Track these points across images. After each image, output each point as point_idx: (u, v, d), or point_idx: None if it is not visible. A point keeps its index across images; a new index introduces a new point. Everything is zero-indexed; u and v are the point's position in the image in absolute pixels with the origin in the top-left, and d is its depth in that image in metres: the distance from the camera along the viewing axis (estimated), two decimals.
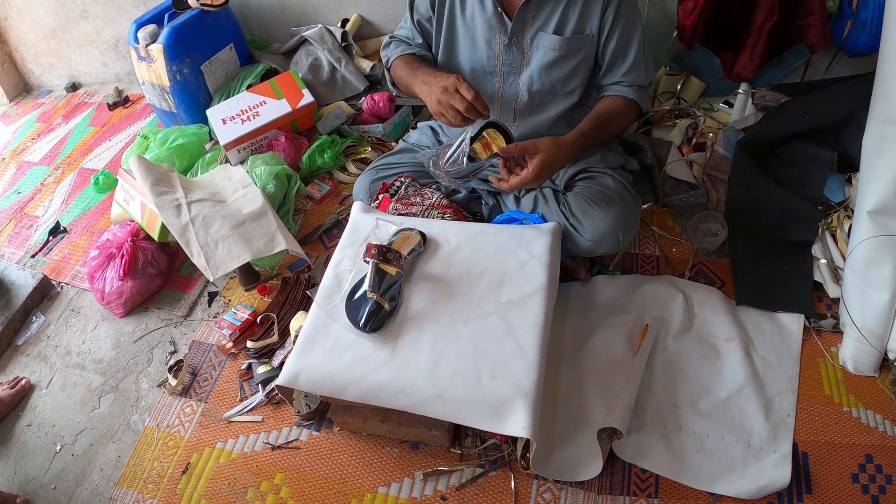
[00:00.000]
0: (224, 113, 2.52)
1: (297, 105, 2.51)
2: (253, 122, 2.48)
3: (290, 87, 2.57)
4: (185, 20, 2.60)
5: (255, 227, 2.01)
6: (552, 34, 1.66)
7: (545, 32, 1.66)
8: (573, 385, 1.63)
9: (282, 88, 2.56)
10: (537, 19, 1.66)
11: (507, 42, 1.69)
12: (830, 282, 1.77)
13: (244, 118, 2.49)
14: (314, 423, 1.70)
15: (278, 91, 2.56)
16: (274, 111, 2.51)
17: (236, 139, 2.44)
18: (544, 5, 1.64)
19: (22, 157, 3.12)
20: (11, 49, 3.62)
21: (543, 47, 1.68)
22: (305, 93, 2.54)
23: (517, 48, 1.70)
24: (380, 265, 1.58)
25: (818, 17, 2.02)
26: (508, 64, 1.73)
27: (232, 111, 2.52)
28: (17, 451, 1.85)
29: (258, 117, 2.49)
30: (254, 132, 2.46)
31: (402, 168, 1.94)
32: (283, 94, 2.54)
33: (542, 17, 1.65)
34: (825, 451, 1.50)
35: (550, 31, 1.66)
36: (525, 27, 1.67)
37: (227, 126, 2.48)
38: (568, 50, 1.67)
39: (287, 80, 2.59)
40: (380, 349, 1.50)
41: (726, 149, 2.10)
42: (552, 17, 1.64)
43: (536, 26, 1.66)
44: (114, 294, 2.09)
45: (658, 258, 1.97)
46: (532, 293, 1.55)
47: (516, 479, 1.52)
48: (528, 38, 1.68)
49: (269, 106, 2.53)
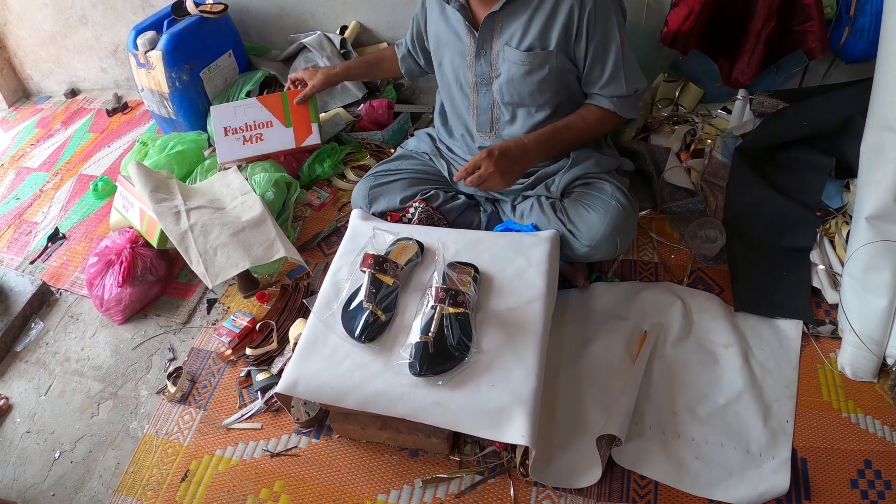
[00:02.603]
0: (228, 119, 2.37)
1: (301, 143, 2.36)
2: (254, 146, 2.37)
3: (302, 116, 2.36)
4: (185, 27, 2.60)
5: (254, 235, 2.02)
6: (515, 48, 1.67)
7: (510, 46, 1.67)
8: (572, 392, 1.64)
9: (293, 113, 2.36)
10: (503, 33, 1.67)
11: (475, 53, 1.72)
12: (829, 288, 1.77)
13: (247, 137, 2.37)
14: (313, 431, 1.70)
15: (288, 115, 2.36)
16: (277, 141, 2.36)
17: (235, 160, 2.38)
18: (509, 20, 1.65)
19: (21, 162, 3.12)
20: (10, 54, 3.62)
21: (509, 60, 1.69)
22: (314, 129, 2.36)
23: (485, 60, 1.72)
24: (376, 275, 1.59)
25: (816, 24, 2.02)
26: (479, 75, 1.76)
27: (237, 121, 2.37)
28: (16, 458, 1.85)
29: (260, 142, 2.37)
30: (252, 158, 2.39)
31: (402, 175, 1.95)
32: (292, 121, 2.36)
33: (508, 31, 1.66)
34: (824, 456, 1.50)
35: (514, 45, 1.67)
36: (492, 40, 1.69)
37: (228, 140, 2.37)
38: (532, 65, 1.68)
39: (301, 107, 2.35)
40: (378, 357, 1.50)
41: (724, 155, 2.11)
42: (516, 32, 1.65)
43: (503, 40, 1.68)
44: (113, 301, 2.09)
45: (656, 265, 1.97)
46: (530, 300, 1.55)
47: (515, 486, 1.52)
48: (496, 51, 1.70)
49: (275, 132, 2.36)
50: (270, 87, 2.82)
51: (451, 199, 1.92)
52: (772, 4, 2.03)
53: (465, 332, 1.47)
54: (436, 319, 1.48)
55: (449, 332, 1.46)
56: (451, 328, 1.47)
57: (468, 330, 1.48)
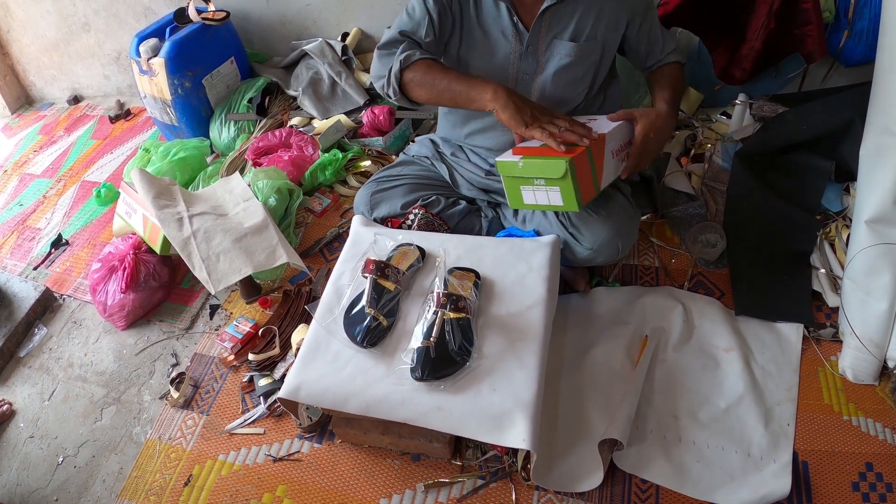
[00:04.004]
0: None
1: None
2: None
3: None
4: (187, 34, 2.62)
5: (256, 241, 2.02)
6: (568, 41, 1.67)
7: (560, 40, 1.67)
8: (573, 396, 1.64)
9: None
10: (553, 27, 1.67)
11: (523, 51, 1.70)
12: (829, 291, 1.78)
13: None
14: (316, 436, 1.71)
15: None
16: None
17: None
18: (560, 14, 1.65)
19: (24, 169, 3.14)
20: (14, 61, 3.64)
21: (559, 54, 1.69)
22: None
23: (532, 56, 1.71)
24: (378, 280, 1.59)
25: (814, 27, 2.03)
26: (523, 71, 1.74)
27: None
28: (20, 463, 1.86)
29: None
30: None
31: (403, 181, 1.94)
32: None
33: (559, 24, 1.66)
34: (825, 459, 1.50)
35: (566, 38, 1.67)
36: (540, 35, 1.68)
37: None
38: (581, 55, 1.69)
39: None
40: (380, 362, 1.50)
41: (725, 160, 2.11)
42: (568, 25, 1.66)
43: (552, 34, 1.67)
44: (116, 307, 2.10)
45: (657, 269, 1.97)
46: (531, 305, 1.56)
47: (517, 490, 1.52)
48: (544, 45, 1.69)
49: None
50: (272, 94, 2.84)
51: (452, 205, 1.91)
52: (771, 7, 2.03)
53: (467, 337, 1.48)
54: (437, 324, 1.49)
55: (450, 337, 1.47)
56: (452, 333, 1.47)
57: (469, 335, 1.49)
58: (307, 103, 2.74)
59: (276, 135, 2.58)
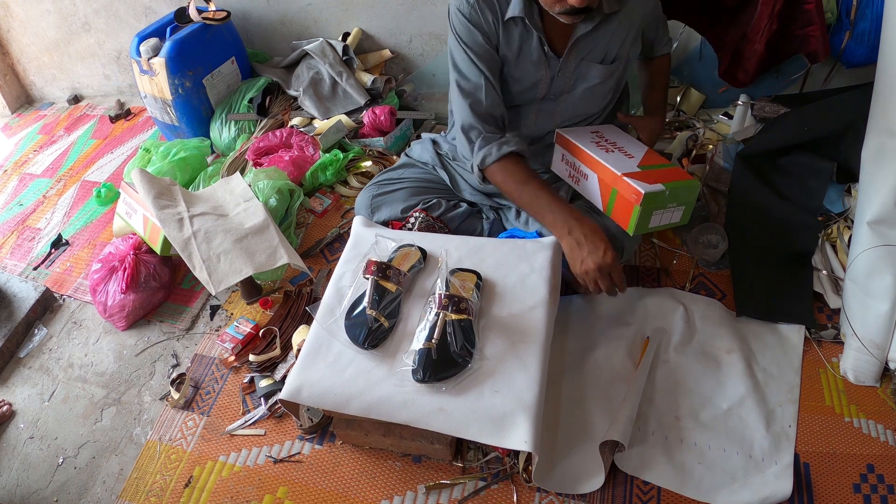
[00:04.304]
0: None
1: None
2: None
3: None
4: (187, 34, 2.62)
5: (257, 241, 2.02)
6: (597, 63, 1.68)
7: (590, 62, 1.68)
8: (575, 398, 1.64)
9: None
10: (583, 51, 1.66)
11: (554, 75, 1.70)
12: (831, 292, 1.78)
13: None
14: (316, 437, 1.70)
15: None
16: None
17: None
18: (592, 39, 1.64)
19: (24, 168, 3.13)
20: (14, 61, 3.63)
21: (588, 76, 1.70)
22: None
23: (561, 79, 1.71)
24: (379, 282, 1.59)
25: (817, 28, 2.03)
26: (552, 93, 1.74)
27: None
28: (20, 464, 1.85)
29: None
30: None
31: (404, 184, 1.94)
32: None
33: (588, 48, 1.66)
34: (827, 461, 1.50)
35: (596, 60, 1.68)
36: (570, 59, 1.67)
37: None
38: (609, 75, 1.71)
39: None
40: (381, 364, 1.50)
41: (726, 160, 2.11)
42: (598, 48, 1.66)
43: (581, 56, 1.67)
44: (116, 307, 2.10)
45: (658, 270, 1.97)
46: (533, 307, 1.56)
47: (518, 492, 1.52)
48: (572, 67, 1.69)
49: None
50: (273, 94, 2.84)
51: (453, 208, 1.91)
52: (773, 8, 2.03)
53: (468, 339, 1.48)
54: (439, 326, 1.48)
55: (452, 338, 1.46)
56: (454, 335, 1.47)
57: (471, 336, 1.48)
58: (308, 103, 2.74)
59: (276, 135, 2.57)
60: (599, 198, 1.69)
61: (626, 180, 1.56)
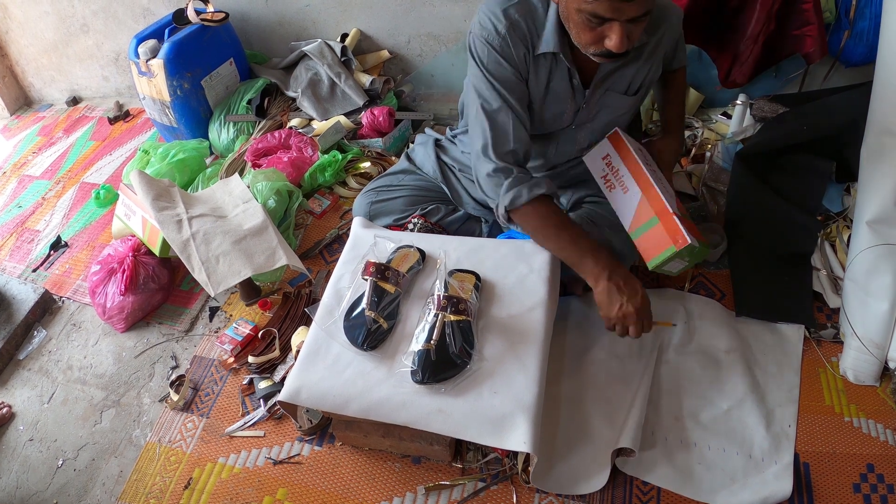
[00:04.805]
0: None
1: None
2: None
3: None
4: (186, 35, 2.62)
5: (255, 243, 2.02)
6: (621, 94, 1.66)
7: (614, 92, 1.65)
8: (574, 399, 1.64)
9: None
10: (608, 82, 1.63)
11: (579, 107, 1.67)
12: (830, 292, 1.77)
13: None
14: (316, 438, 1.70)
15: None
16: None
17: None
18: (618, 71, 1.61)
19: (23, 170, 3.13)
20: (12, 62, 3.63)
21: (612, 106, 1.68)
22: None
23: (586, 109, 1.68)
24: (378, 283, 1.59)
25: (815, 28, 2.03)
26: (577, 122, 1.71)
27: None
28: (19, 466, 1.85)
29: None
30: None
31: (403, 192, 1.92)
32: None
33: (614, 78, 1.63)
34: (826, 461, 1.50)
35: (621, 91, 1.65)
36: (595, 91, 1.64)
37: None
38: (632, 105, 1.70)
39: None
40: (380, 365, 1.50)
41: (725, 160, 2.11)
42: (623, 79, 1.63)
43: (605, 87, 1.64)
44: (115, 309, 2.10)
45: None
46: (532, 307, 1.55)
47: (518, 492, 1.52)
48: (597, 98, 1.66)
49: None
50: (271, 95, 2.83)
51: (452, 212, 1.90)
52: (770, 8, 2.03)
53: (467, 340, 1.47)
54: (438, 327, 1.48)
55: (451, 339, 1.46)
56: (452, 336, 1.47)
57: (470, 337, 1.48)
58: (306, 104, 2.74)
59: (275, 136, 2.57)
60: (631, 216, 1.60)
61: (675, 220, 1.51)
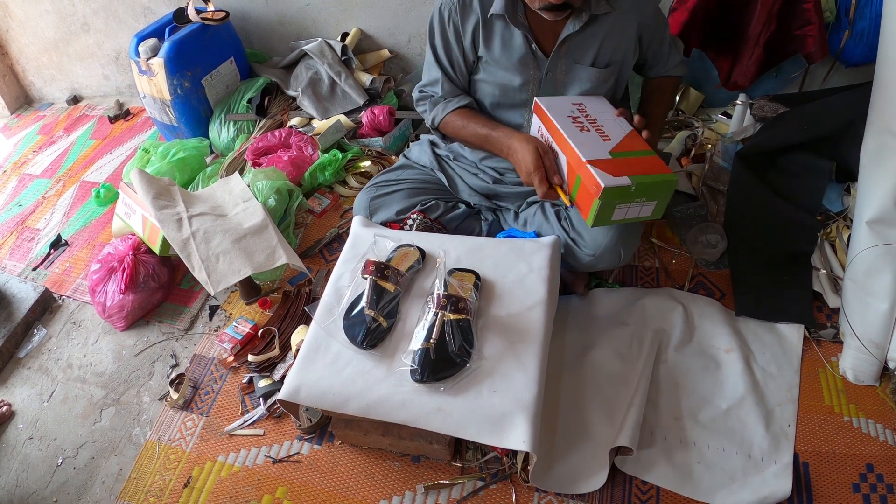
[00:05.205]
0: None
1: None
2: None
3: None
4: (186, 34, 2.62)
5: (255, 241, 2.02)
6: (589, 66, 1.66)
7: (581, 65, 1.66)
8: (573, 398, 1.64)
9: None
10: (573, 52, 1.65)
11: (542, 77, 1.68)
12: (830, 292, 1.77)
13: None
14: (315, 437, 1.70)
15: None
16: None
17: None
18: (581, 40, 1.63)
19: (23, 169, 3.13)
20: (13, 61, 3.63)
21: (579, 79, 1.68)
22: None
23: (551, 81, 1.69)
24: (378, 282, 1.59)
25: (815, 28, 2.03)
26: (542, 93, 1.71)
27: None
28: (19, 464, 1.85)
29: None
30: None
31: (402, 185, 1.93)
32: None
33: (579, 50, 1.64)
34: (826, 461, 1.50)
35: (587, 63, 1.66)
36: (560, 61, 1.66)
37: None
38: (602, 79, 1.68)
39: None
40: (380, 364, 1.50)
41: (725, 160, 2.11)
42: (589, 51, 1.64)
43: (571, 59, 1.65)
44: (115, 307, 2.10)
45: (657, 270, 1.97)
46: (532, 306, 1.55)
47: (517, 491, 1.52)
48: (563, 70, 1.67)
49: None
50: (272, 94, 2.83)
51: (452, 209, 1.91)
52: (772, 9, 2.03)
53: (467, 339, 1.48)
54: (437, 326, 1.48)
55: (450, 338, 1.46)
56: (452, 335, 1.47)
57: (469, 336, 1.48)
58: (307, 103, 2.73)
59: (275, 135, 2.57)
60: (566, 183, 1.57)
61: (589, 168, 1.43)
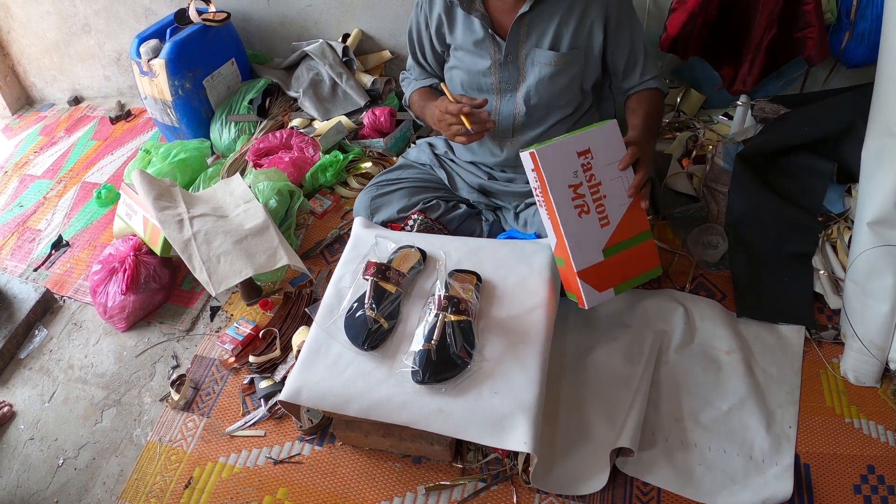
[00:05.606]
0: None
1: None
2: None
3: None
4: (187, 35, 2.62)
5: (256, 242, 2.02)
6: (547, 50, 1.67)
7: (540, 48, 1.67)
8: (574, 399, 1.63)
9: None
10: (531, 35, 1.66)
11: (502, 60, 1.70)
12: (831, 293, 1.77)
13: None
14: (316, 438, 1.70)
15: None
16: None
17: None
18: (538, 22, 1.64)
19: (24, 170, 3.13)
20: (14, 62, 3.64)
21: (539, 63, 1.69)
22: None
23: (513, 66, 1.71)
24: (379, 283, 1.59)
25: (816, 30, 2.03)
26: (505, 81, 1.74)
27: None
28: (20, 465, 1.85)
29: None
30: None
31: (403, 184, 1.94)
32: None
33: (537, 33, 1.65)
34: (827, 462, 1.49)
35: (546, 46, 1.66)
36: (519, 44, 1.68)
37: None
38: (563, 65, 1.69)
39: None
40: (381, 365, 1.50)
41: (726, 161, 2.10)
42: (547, 33, 1.65)
43: (531, 42, 1.67)
44: (116, 308, 2.10)
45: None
46: (533, 308, 1.56)
47: (518, 493, 1.52)
48: (524, 54, 1.69)
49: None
50: (273, 96, 2.84)
51: (452, 209, 1.91)
52: (772, 11, 2.03)
53: (468, 340, 1.48)
54: (438, 327, 1.48)
55: (451, 339, 1.47)
56: (453, 336, 1.47)
57: (470, 337, 1.48)
58: (308, 104, 2.74)
59: (276, 136, 2.57)
60: (553, 242, 1.58)
61: (578, 282, 1.53)
